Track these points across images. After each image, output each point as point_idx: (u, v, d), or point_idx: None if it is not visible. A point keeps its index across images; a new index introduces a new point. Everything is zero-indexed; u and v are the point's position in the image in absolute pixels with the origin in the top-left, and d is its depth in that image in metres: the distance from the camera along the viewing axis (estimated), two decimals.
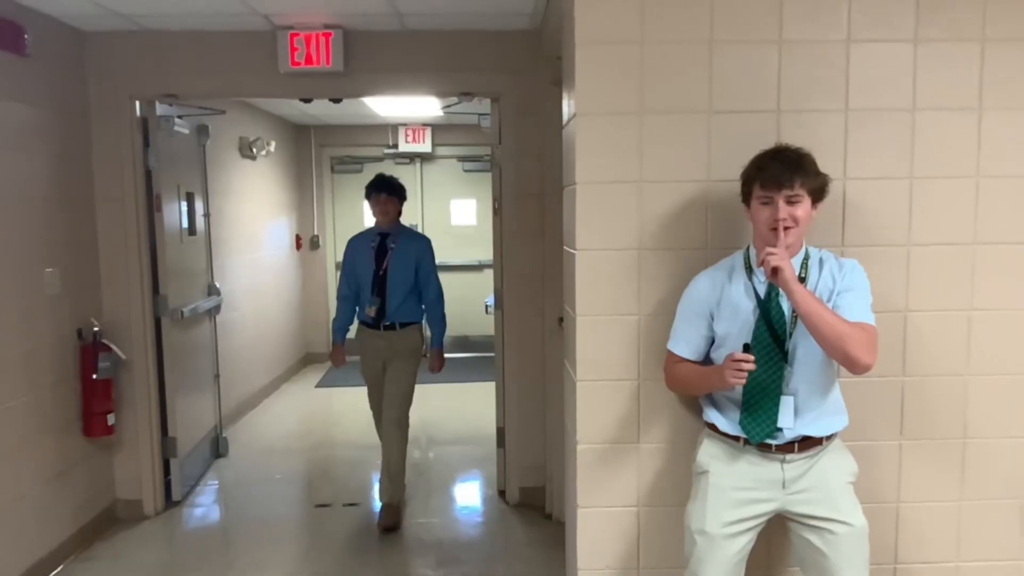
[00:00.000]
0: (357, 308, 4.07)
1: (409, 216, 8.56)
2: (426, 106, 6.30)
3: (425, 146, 7.83)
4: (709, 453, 2.20)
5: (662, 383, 2.33)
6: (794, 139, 2.30)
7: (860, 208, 2.38)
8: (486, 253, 8.09)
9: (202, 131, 4.80)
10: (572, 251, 2.48)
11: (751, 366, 1.96)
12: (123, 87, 3.83)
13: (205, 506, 4.34)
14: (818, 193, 2.05)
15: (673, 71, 2.32)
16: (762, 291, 2.09)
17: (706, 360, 2.21)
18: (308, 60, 3.67)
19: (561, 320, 3.68)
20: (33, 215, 3.38)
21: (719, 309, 2.14)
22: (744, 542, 2.13)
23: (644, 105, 2.33)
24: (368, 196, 3.99)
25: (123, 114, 3.85)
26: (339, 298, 4.12)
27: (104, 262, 3.91)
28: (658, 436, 2.44)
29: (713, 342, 2.18)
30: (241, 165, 6.14)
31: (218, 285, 5.09)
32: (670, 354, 2.24)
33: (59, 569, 3.46)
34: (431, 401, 6.13)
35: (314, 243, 8.02)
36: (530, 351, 4.05)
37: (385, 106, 6.46)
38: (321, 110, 6.70)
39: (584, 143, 2.36)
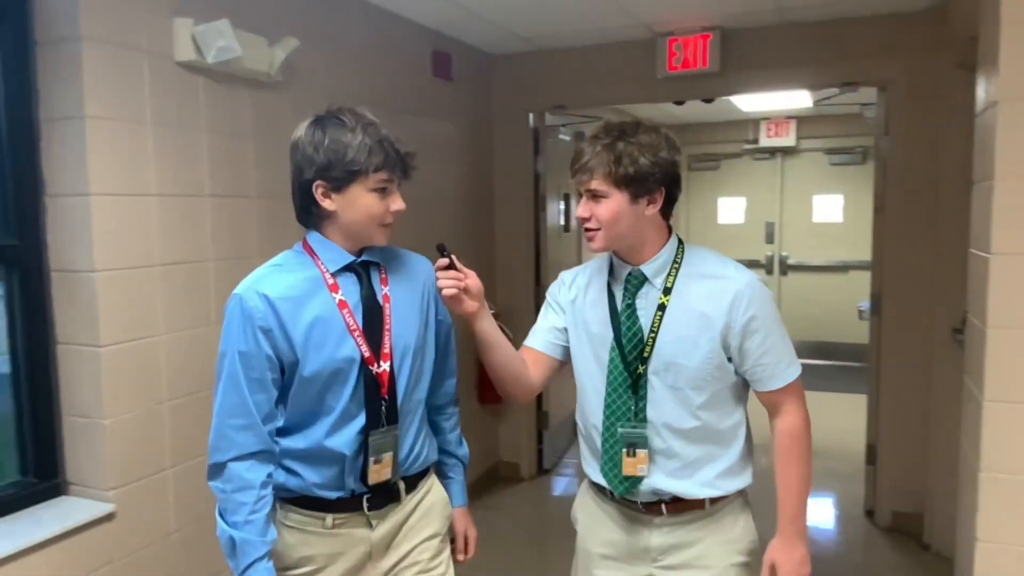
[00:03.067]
0: (289, 465, 1.60)
1: (767, 214, 8.41)
2: (792, 98, 6.05)
3: (788, 140, 7.51)
4: (579, 503, 1.85)
5: None
6: None
7: None
8: (851, 253, 7.59)
9: (579, 138, 5.25)
10: (984, 255, 2.22)
11: (444, 266, 1.57)
12: (520, 101, 4.37)
13: (569, 476, 4.77)
14: (638, 183, 1.55)
15: None
16: (619, 299, 1.66)
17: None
18: (685, 64, 3.79)
19: (956, 330, 3.29)
20: (450, 214, 4.04)
21: (570, 314, 1.75)
22: None
23: None
24: (354, 175, 1.53)
25: (519, 126, 4.40)
26: (233, 459, 1.52)
27: (499, 255, 4.51)
28: None
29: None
30: None
31: None
32: None
33: None
34: None
35: None
36: (914, 363, 3.68)
37: (748, 101, 6.35)
38: (684, 110, 6.80)
39: (1007, 133, 2.09)
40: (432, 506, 1.74)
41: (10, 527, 2.03)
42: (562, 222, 5.04)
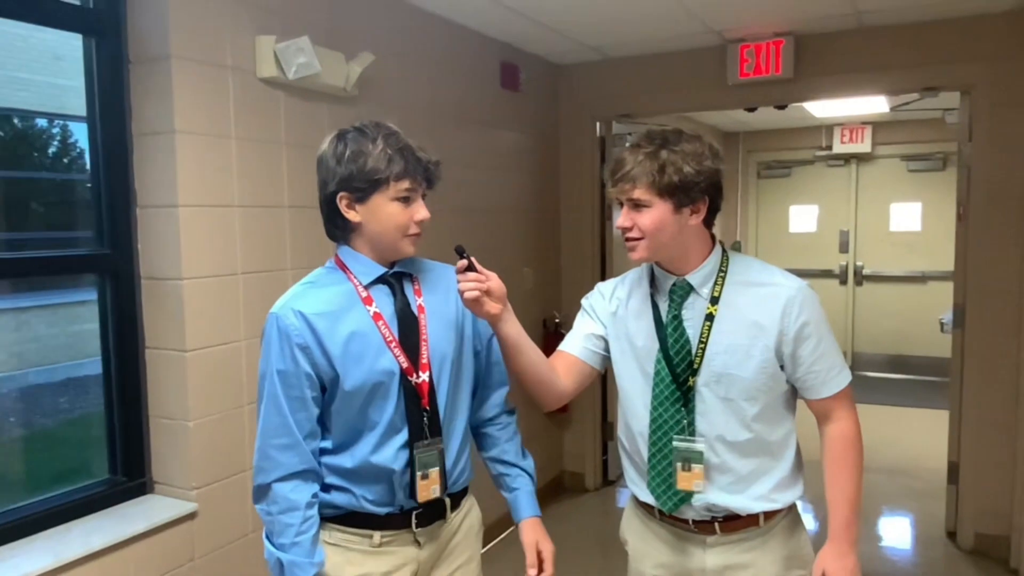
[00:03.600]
0: (338, 483, 1.58)
1: (841, 222, 8.14)
2: (868, 104, 5.87)
3: (864, 146, 7.28)
4: (626, 524, 1.82)
5: None
6: None
7: None
8: (930, 263, 7.30)
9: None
10: None
11: (464, 268, 1.54)
12: (587, 111, 4.36)
13: None
14: (682, 192, 1.51)
15: None
16: (664, 312, 1.63)
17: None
18: (757, 70, 3.73)
19: None
20: (517, 223, 4.06)
21: (611, 327, 1.72)
22: None
23: None
24: (375, 184, 1.51)
25: (585, 135, 4.40)
26: (277, 479, 1.51)
27: (564, 263, 4.52)
28: None
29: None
30: None
31: None
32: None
33: None
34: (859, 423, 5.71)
35: (735, 248, 8.04)
36: (1000, 379, 3.52)
37: (822, 107, 6.18)
38: (754, 116, 6.68)
39: None
40: (471, 528, 1.73)
41: (100, 523, 2.13)
42: None
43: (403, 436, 1.55)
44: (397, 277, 1.60)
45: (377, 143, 1.50)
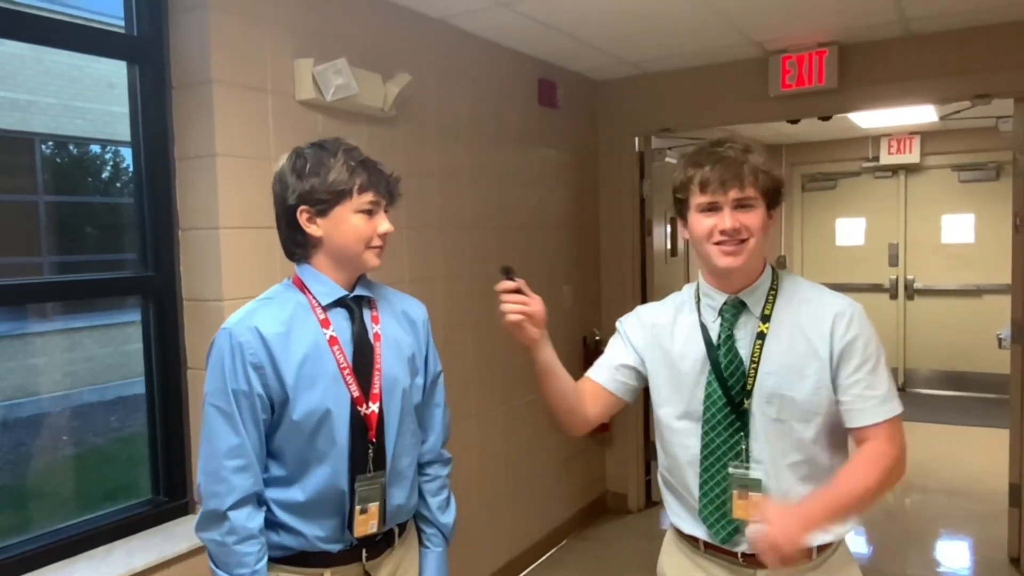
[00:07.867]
0: (287, 523, 1.52)
1: (890, 235, 7.91)
2: (915, 113, 5.72)
3: (912, 156, 7.09)
4: (666, 560, 1.72)
5: None
6: None
7: None
8: (986, 276, 7.06)
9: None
10: None
11: (510, 289, 1.49)
12: (626, 126, 4.33)
13: None
14: (774, 196, 1.52)
15: None
16: (714, 333, 1.56)
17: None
18: (800, 81, 3.66)
19: None
20: (556, 240, 4.03)
21: (648, 356, 1.64)
22: None
23: None
24: (338, 196, 1.50)
25: (624, 150, 4.36)
26: (232, 506, 1.43)
27: (604, 280, 4.46)
28: None
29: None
30: None
31: None
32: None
33: (563, 543, 4.04)
34: (914, 442, 5.51)
35: (780, 264, 7.90)
36: None
37: (868, 118, 6.04)
38: (797, 128, 6.56)
39: None
40: (413, 544, 1.70)
41: (142, 543, 2.15)
42: (668, 246, 4.94)
43: (351, 468, 1.51)
44: (356, 301, 1.56)
45: (338, 156, 1.50)
